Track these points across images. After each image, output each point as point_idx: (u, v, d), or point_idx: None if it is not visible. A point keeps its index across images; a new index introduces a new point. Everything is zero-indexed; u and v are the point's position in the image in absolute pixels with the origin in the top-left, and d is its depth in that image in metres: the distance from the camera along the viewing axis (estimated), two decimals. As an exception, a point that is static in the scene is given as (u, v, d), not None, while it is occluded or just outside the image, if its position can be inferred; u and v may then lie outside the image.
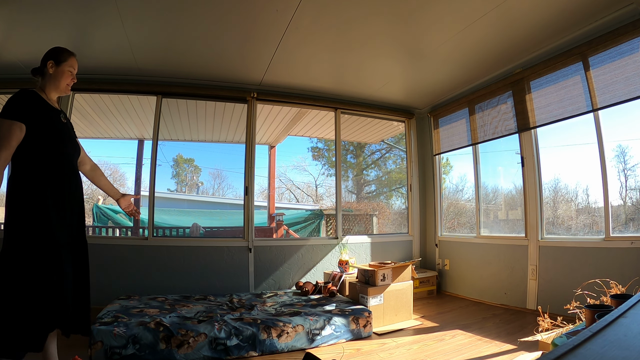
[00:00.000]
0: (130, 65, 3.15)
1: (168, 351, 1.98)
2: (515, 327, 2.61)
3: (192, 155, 11.39)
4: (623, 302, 0.86)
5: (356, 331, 2.47)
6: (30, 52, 2.91)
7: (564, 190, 3.58)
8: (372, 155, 10.53)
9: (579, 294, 2.15)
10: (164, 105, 3.57)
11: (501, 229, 3.86)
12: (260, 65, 3.21)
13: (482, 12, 2.38)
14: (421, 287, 3.76)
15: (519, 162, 3.23)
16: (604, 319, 0.62)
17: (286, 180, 12.47)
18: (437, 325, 2.76)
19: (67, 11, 2.36)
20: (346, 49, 2.92)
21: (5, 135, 1.51)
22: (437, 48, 2.90)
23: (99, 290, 3.08)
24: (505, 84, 3.28)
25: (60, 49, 1.77)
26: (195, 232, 5.73)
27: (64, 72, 1.74)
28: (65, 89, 1.77)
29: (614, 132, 2.64)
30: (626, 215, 2.89)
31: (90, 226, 5.79)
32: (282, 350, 2.20)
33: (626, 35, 2.37)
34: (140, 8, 2.35)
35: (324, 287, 3.11)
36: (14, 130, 1.53)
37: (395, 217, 8.26)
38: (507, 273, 3.25)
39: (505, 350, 2.15)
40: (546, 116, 2.96)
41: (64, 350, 2.01)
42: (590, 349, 0.48)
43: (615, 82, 2.47)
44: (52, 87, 1.73)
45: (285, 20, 2.49)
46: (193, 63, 3.17)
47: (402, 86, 3.78)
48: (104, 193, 2.25)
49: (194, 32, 2.66)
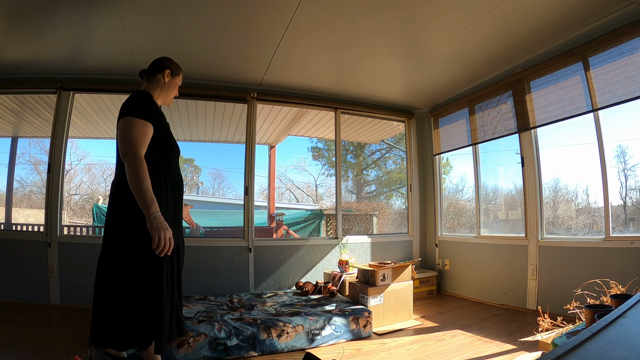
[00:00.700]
0: (130, 65, 3.15)
1: (168, 351, 1.98)
2: (515, 327, 2.61)
3: (192, 155, 11.40)
4: (623, 302, 0.86)
5: (356, 331, 2.47)
6: (31, 52, 2.91)
7: (564, 190, 3.58)
8: (372, 155, 10.53)
9: (579, 294, 2.15)
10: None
11: (501, 229, 3.86)
12: (260, 65, 3.21)
13: (482, 12, 2.38)
14: (421, 287, 3.76)
15: (519, 162, 3.23)
16: (604, 319, 0.62)
17: (286, 180, 12.48)
18: (437, 325, 2.76)
19: (68, 11, 2.36)
20: (346, 49, 2.92)
21: (142, 133, 1.50)
22: (437, 48, 2.90)
23: (99, 290, 3.09)
24: (505, 84, 3.28)
25: (175, 62, 1.82)
26: (195, 232, 5.73)
27: (176, 85, 1.80)
28: (170, 101, 1.82)
29: (614, 132, 2.64)
30: (626, 215, 2.89)
31: (90, 226, 5.79)
32: (282, 350, 2.20)
33: (626, 35, 2.37)
34: (140, 8, 2.35)
35: (324, 287, 3.11)
36: (148, 130, 1.53)
37: (395, 217, 8.27)
38: (507, 273, 3.25)
39: (505, 350, 2.15)
40: (546, 116, 2.96)
41: (64, 350, 2.02)
42: (590, 349, 0.48)
43: (615, 82, 2.47)
44: (161, 95, 1.75)
45: (285, 20, 2.49)
46: (193, 63, 3.17)
47: (402, 86, 3.78)
48: (105, 193, 2.26)
49: (194, 32, 2.66)
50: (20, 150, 6.67)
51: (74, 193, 10.99)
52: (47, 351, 2.06)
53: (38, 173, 9.12)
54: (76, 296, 3.08)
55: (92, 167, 11.17)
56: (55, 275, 3.10)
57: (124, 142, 1.48)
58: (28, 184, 9.42)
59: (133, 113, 1.52)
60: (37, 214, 8.34)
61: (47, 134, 4.15)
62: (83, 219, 10.28)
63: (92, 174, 11.27)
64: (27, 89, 3.40)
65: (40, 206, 6.98)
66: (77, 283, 3.11)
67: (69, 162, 10.46)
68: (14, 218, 7.00)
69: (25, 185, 9.33)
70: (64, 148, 3.28)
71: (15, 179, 6.52)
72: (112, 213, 1.56)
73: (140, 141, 1.49)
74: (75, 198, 11.03)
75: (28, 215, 8.59)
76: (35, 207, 8.90)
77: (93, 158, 11.10)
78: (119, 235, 1.52)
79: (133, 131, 1.49)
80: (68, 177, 10.63)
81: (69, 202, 10.56)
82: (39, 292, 3.07)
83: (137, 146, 1.47)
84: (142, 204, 1.43)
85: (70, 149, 10.09)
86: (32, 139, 7.44)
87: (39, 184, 9.08)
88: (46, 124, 4.37)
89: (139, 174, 1.43)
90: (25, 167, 8.80)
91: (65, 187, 8.30)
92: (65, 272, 3.12)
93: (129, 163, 1.45)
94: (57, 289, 3.09)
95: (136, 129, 1.49)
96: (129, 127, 1.49)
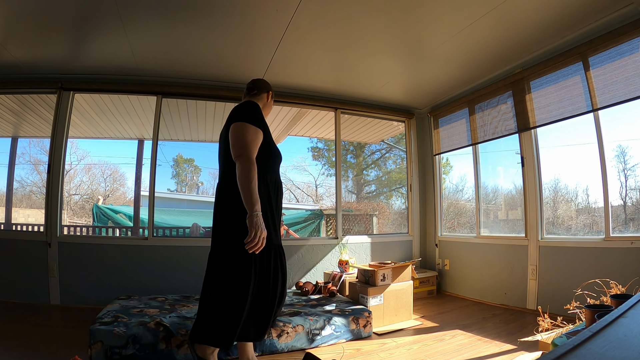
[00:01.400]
0: (130, 65, 3.15)
1: (168, 351, 1.98)
2: (515, 327, 2.61)
3: (192, 155, 11.39)
4: (623, 302, 0.86)
5: (356, 331, 2.47)
6: (31, 52, 2.91)
7: (564, 190, 3.58)
8: (372, 155, 10.53)
9: (579, 294, 2.15)
10: (164, 105, 3.57)
11: (501, 229, 3.86)
12: (260, 65, 3.21)
13: (482, 12, 2.38)
14: (421, 287, 3.76)
15: (519, 162, 3.23)
16: (604, 319, 0.62)
17: (286, 180, 12.47)
18: (437, 325, 2.76)
19: (68, 12, 2.36)
20: (346, 49, 2.92)
21: (254, 139, 1.63)
22: (437, 48, 2.90)
23: (99, 290, 3.09)
24: (505, 84, 3.28)
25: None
26: (195, 232, 5.73)
27: (271, 105, 2.02)
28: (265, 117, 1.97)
29: (614, 132, 2.64)
30: (626, 215, 2.89)
31: (90, 226, 5.80)
32: (282, 350, 2.20)
33: (626, 35, 2.37)
34: (140, 9, 2.35)
35: (324, 287, 3.11)
36: (259, 136, 1.67)
37: (395, 217, 8.26)
38: (507, 273, 3.25)
39: (505, 350, 2.15)
40: (546, 116, 2.96)
41: (64, 350, 2.02)
42: (590, 349, 0.48)
43: (615, 82, 2.47)
44: (263, 110, 1.89)
45: (285, 20, 2.49)
46: (193, 63, 3.17)
47: (402, 86, 3.78)
48: (105, 193, 2.29)
49: (194, 32, 2.66)
50: (20, 150, 6.66)
51: (74, 193, 10.99)
52: (47, 351, 2.06)
53: (38, 173, 9.11)
54: (76, 296, 3.09)
55: (92, 167, 11.16)
56: (55, 275, 3.09)
57: (237, 145, 1.60)
58: (28, 184, 9.41)
59: (248, 120, 1.65)
60: (37, 214, 8.33)
61: (47, 134, 4.15)
62: (83, 219, 10.28)
63: (92, 174, 11.27)
64: (27, 89, 3.40)
65: (40, 206, 6.97)
66: (77, 283, 3.11)
67: (69, 162, 10.46)
68: (14, 218, 7.00)
69: (25, 185, 9.32)
70: (64, 148, 3.28)
71: (15, 179, 6.52)
72: (220, 216, 1.71)
73: (253, 145, 1.62)
74: (75, 198, 11.02)
75: (28, 215, 8.59)
76: (35, 207, 8.89)
77: (93, 158, 11.10)
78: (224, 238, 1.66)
79: (247, 136, 1.62)
80: (68, 177, 10.64)
81: (69, 202, 10.56)
82: (39, 292, 3.07)
83: (250, 149, 1.60)
84: (248, 202, 1.54)
85: (70, 149, 10.09)
86: (32, 139, 7.42)
87: (39, 184, 9.07)
88: (46, 124, 4.37)
89: (249, 173, 1.55)
90: (25, 167, 8.79)
91: (65, 187, 8.30)
92: (65, 272, 3.12)
93: (242, 163, 1.57)
94: (57, 289, 3.09)
95: (250, 134, 1.62)
96: (244, 132, 1.62)
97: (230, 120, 1.70)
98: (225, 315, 1.58)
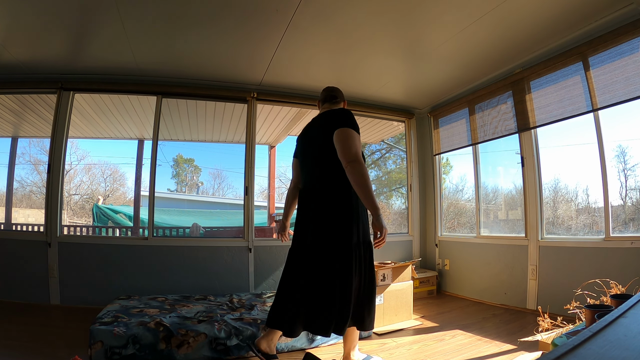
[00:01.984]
0: (130, 65, 3.15)
1: (168, 351, 1.98)
2: (515, 327, 2.61)
3: (192, 155, 11.39)
4: (623, 302, 0.86)
5: (356, 331, 2.47)
6: (31, 52, 2.91)
7: (564, 190, 3.58)
8: (372, 155, 10.52)
9: (579, 294, 2.15)
10: (164, 105, 3.57)
11: (501, 229, 3.86)
12: (260, 65, 3.21)
13: (483, 12, 2.38)
14: (421, 287, 3.76)
15: (519, 162, 3.23)
16: (604, 319, 0.62)
17: (286, 180, 12.46)
18: (437, 325, 2.76)
19: (68, 12, 2.36)
20: (346, 49, 2.92)
21: (359, 145, 1.76)
22: (437, 48, 2.90)
23: (99, 290, 3.09)
24: (505, 84, 3.27)
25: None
26: (195, 232, 5.73)
27: None
28: None
29: (614, 132, 2.64)
30: (626, 215, 2.89)
31: (90, 226, 5.80)
32: (282, 350, 2.20)
33: (626, 35, 2.37)
34: (140, 9, 2.35)
35: (324, 287, 3.10)
36: (361, 143, 1.79)
37: (395, 217, 8.26)
38: (507, 273, 3.25)
39: (505, 350, 2.15)
40: (546, 116, 2.96)
41: (64, 350, 2.02)
42: (590, 349, 0.48)
43: (615, 82, 2.47)
44: None
45: (285, 20, 2.49)
46: (193, 63, 3.17)
47: (402, 86, 3.78)
48: (105, 193, 2.31)
49: (194, 32, 2.66)
50: (20, 150, 6.65)
51: (74, 193, 10.99)
52: (47, 351, 2.06)
53: (38, 173, 9.11)
54: (76, 296, 3.09)
55: (92, 167, 11.16)
56: (55, 275, 3.09)
57: (350, 151, 1.71)
58: (28, 184, 9.41)
59: (354, 127, 1.78)
60: (37, 214, 8.33)
61: (47, 134, 4.15)
62: (83, 219, 10.28)
63: (92, 174, 11.26)
64: (27, 89, 3.40)
65: (40, 206, 6.97)
66: (77, 283, 3.11)
67: (69, 162, 10.46)
68: (14, 218, 7.00)
69: (25, 185, 9.31)
70: (64, 148, 3.28)
71: (15, 179, 6.51)
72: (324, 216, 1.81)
73: (360, 151, 1.74)
74: (75, 198, 11.02)
75: (28, 215, 8.58)
76: (35, 207, 8.89)
77: (93, 158, 11.09)
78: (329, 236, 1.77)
79: (357, 142, 1.75)
80: (68, 177, 10.63)
81: (69, 202, 10.55)
82: (39, 292, 3.07)
83: (359, 155, 1.72)
84: (372, 204, 1.67)
85: (70, 149, 10.09)
86: (32, 139, 7.42)
87: (39, 184, 9.06)
88: (46, 124, 4.37)
89: (366, 175, 1.67)
90: (25, 167, 8.78)
91: (65, 187, 8.30)
92: (65, 272, 3.12)
93: (357, 167, 1.68)
94: (57, 289, 3.09)
95: (358, 140, 1.76)
96: (354, 138, 1.75)
97: (331, 124, 1.80)
98: (339, 305, 1.70)
